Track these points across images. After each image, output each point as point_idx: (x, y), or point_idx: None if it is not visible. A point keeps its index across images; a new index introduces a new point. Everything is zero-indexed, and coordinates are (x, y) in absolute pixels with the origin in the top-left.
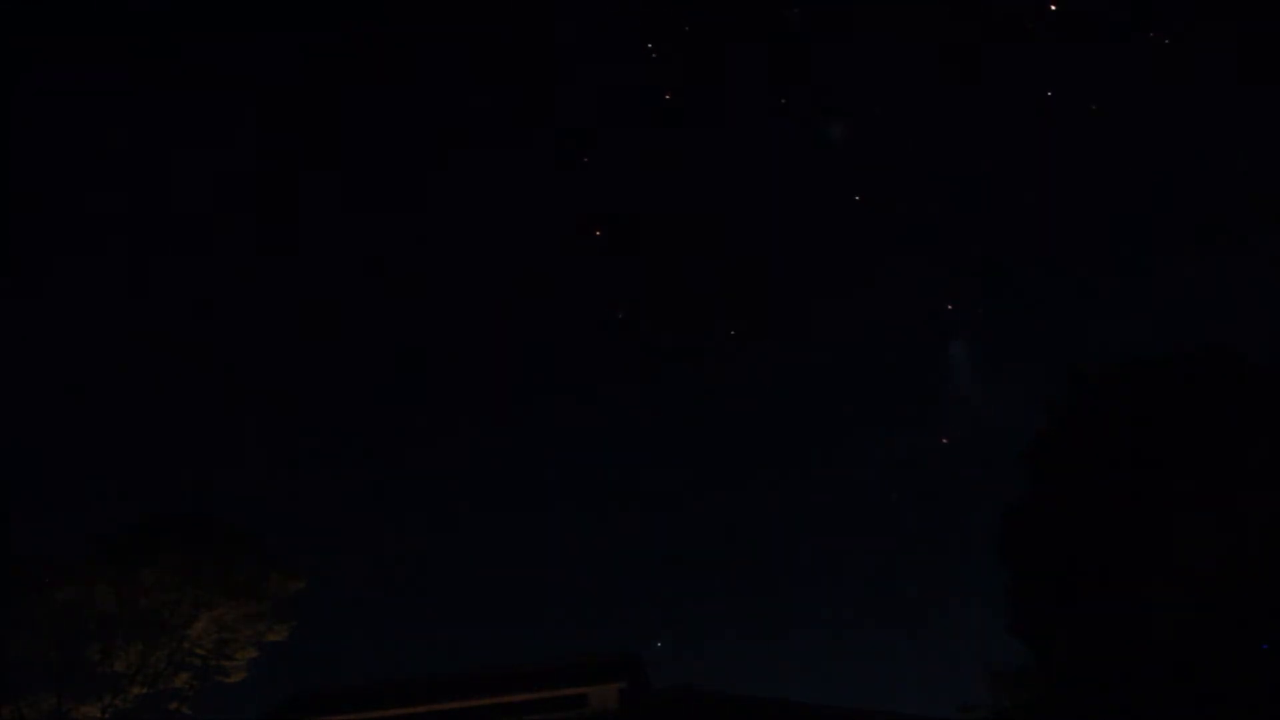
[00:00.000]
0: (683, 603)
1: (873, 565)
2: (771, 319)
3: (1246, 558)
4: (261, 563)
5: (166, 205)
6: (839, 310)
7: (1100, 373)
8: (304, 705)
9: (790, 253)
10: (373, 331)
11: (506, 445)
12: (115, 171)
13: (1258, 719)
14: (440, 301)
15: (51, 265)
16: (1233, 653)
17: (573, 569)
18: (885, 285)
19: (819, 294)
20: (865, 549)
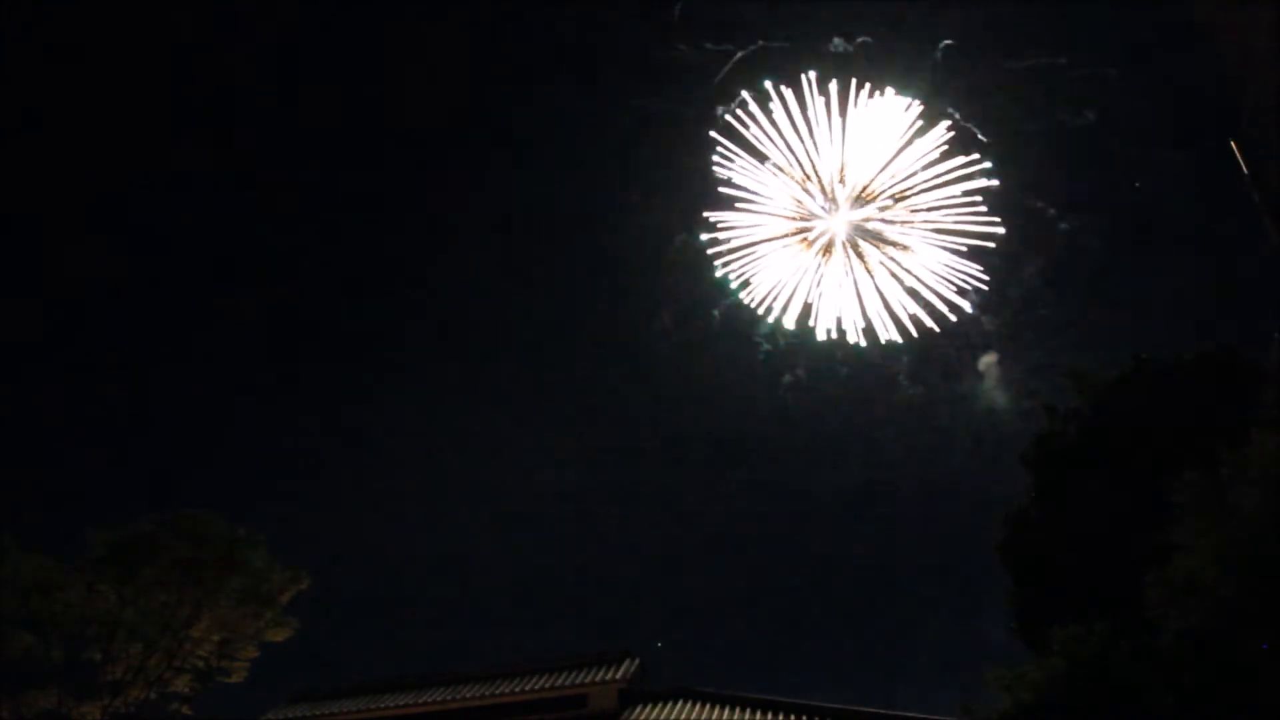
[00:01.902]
0: (683, 603)
1: (873, 567)
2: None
3: (1246, 559)
4: (262, 564)
5: (164, 208)
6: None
7: (1100, 374)
8: (304, 705)
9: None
10: (373, 332)
11: (507, 446)
12: (109, 175)
13: (1257, 719)
14: (441, 303)
15: (51, 267)
16: (1232, 654)
17: (573, 569)
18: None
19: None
20: (865, 549)
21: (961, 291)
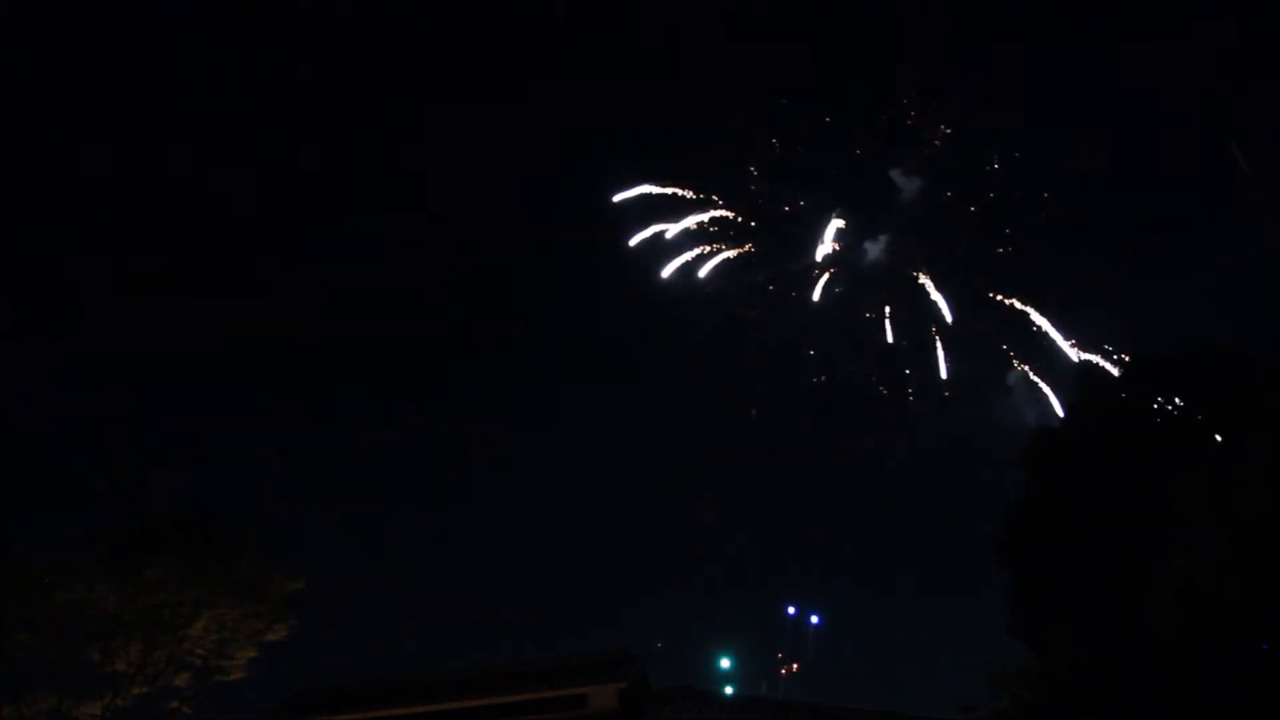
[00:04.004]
0: (682, 603)
1: (873, 565)
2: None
3: (1246, 557)
4: (261, 563)
5: (167, 208)
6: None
7: (1100, 372)
8: (304, 705)
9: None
10: (373, 333)
11: (507, 447)
12: (115, 176)
13: (1257, 719)
14: (441, 303)
15: (53, 269)
16: (1233, 652)
17: (572, 570)
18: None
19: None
20: (865, 549)
21: None
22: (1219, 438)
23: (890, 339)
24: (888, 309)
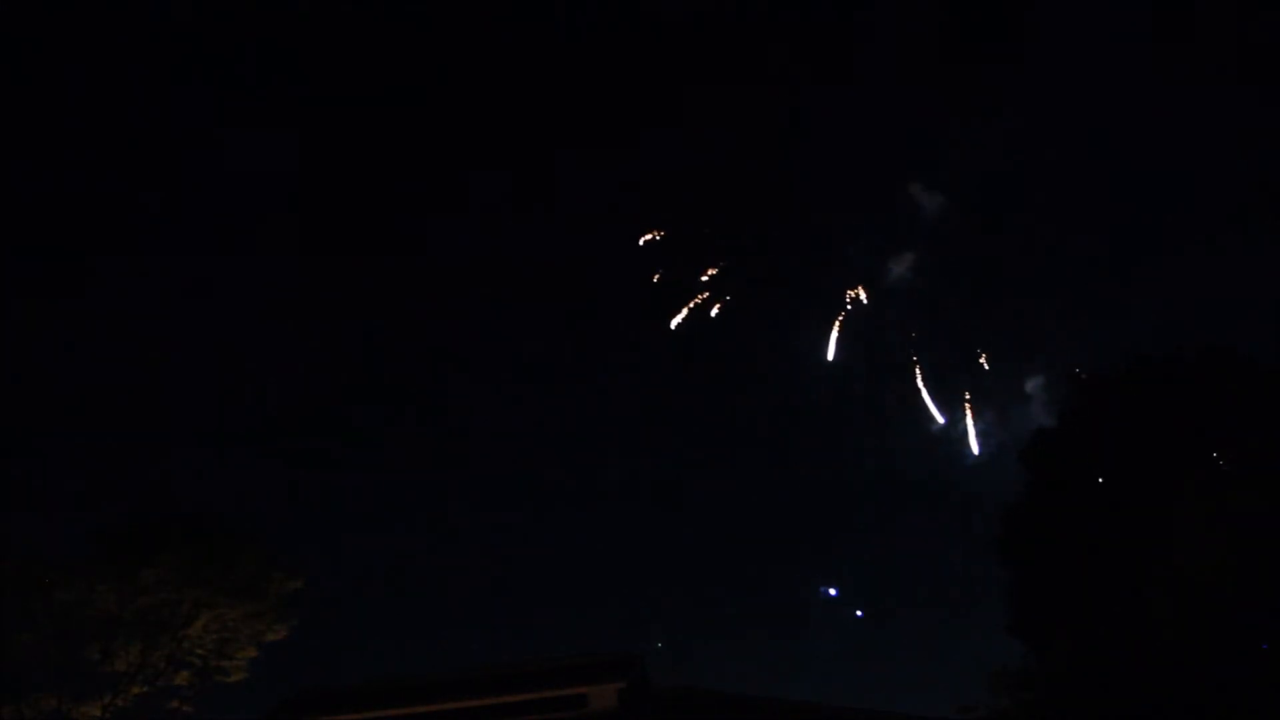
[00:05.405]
0: (683, 603)
1: (872, 565)
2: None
3: (1246, 557)
4: (261, 562)
5: (169, 205)
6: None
7: (1100, 373)
8: (304, 705)
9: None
10: (371, 331)
11: (505, 445)
12: (114, 173)
13: (1258, 719)
14: (438, 301)
15: (53, 266)
16: (1233, 653)
17: (572, 569)
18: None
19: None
20: (865, 549)
21: None
22: (1219, 438)
23: (921, 384)
24: (913, 336)
